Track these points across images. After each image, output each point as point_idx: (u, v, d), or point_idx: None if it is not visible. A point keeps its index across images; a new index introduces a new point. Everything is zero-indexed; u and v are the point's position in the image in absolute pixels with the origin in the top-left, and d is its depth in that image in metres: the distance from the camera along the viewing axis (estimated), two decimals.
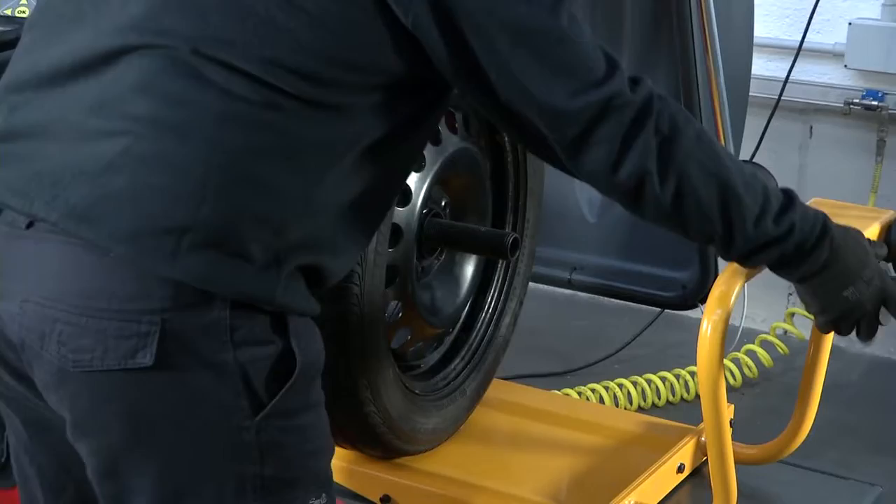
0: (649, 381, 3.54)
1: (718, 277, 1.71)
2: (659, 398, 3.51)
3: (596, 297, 3.09)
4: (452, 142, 2.10)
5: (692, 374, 3.60)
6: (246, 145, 1.40)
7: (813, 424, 2.15)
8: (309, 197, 1.45)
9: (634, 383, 3.54)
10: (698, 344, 1.67)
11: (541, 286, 2.83)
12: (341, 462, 2.09)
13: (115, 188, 1.38)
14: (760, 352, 3.70)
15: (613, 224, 2.75)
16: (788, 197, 1.59)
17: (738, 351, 3.71)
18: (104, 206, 1.38)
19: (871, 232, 1.85)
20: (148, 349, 1.38)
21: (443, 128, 2.06)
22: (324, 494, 1.52)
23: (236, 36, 1.41)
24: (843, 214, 1.61)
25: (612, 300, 3.23)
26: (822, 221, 1.60)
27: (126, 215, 1.38)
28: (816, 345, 2.04)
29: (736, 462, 1.86)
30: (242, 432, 1.42)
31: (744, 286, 1.71)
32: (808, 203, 1.65)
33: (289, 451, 1.47)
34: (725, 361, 3.66)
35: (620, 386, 3.52)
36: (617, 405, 3.46)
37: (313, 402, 1.50)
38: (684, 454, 2.22)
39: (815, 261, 1.60)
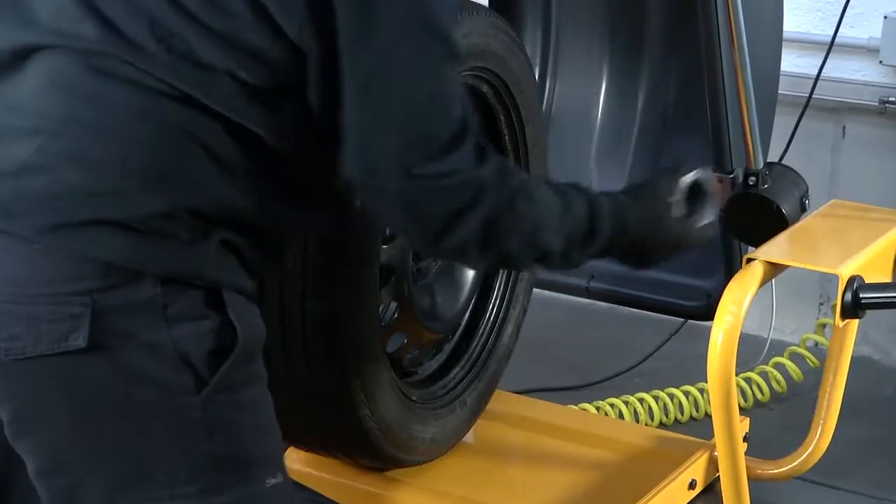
0: (672, 396, 3.51)
1: (730, 283, 1.71)
2: (682, 414, 3.48)
3: (615, 306, 3.08)
4: None
5: None
6: (163, 139, 1.47)
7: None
8: (229, 184, 1.51)
9: (656, 398, 3.51)
10: (708, 353, 1.68)
11: (556, 294, 2.82)
12: (334, 476, 2.09)
13: (33, 187, 1.45)
14: (790, 365, 3.66)
15: None
16: (593, 220, 1.75)
17: (766, 364, 3.68)
18: (23, 203, 1.46)
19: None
20: (80, 331, 1.43)
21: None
22: (279, 473, 1.57)
23: (139, 38, 1.48)
24: (863, 217, 1.63)
25: (632, 310, 3.22)
26: (622, 223, 1.78)
27: (46, 212, 1.45)
28: (836, 351, 2.03)
29: (751, 478, 1.86)
30: (189, 410, 1.48)
31: (759, 292, 1.71)
32: (828, 204, 1.68)
33: (238, 427, 1.52)
34: (752, 375, 3.64)
35: (641, 401, 3.49)
36: (637, 421, 3.43)
37: (257, 376, 1.56)
38: (696, 470, 2.22)
39: (626, 252, 1.83)
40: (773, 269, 1.97)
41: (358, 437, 1.99)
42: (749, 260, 1.94)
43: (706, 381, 3.53)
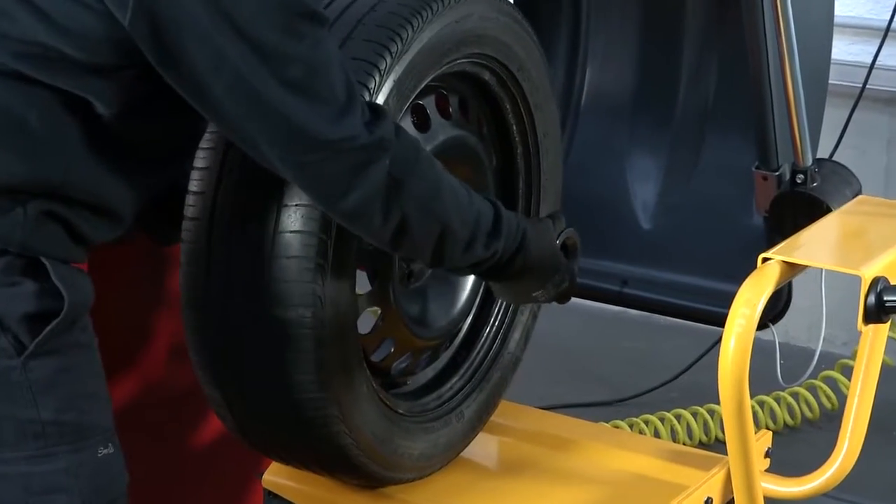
0: (712, 413, 3.49)
1: (743, 284, 1.71)
2: (723, 432, 3.47)
3: (649, 314, 3.06)
4: (444, 129, 2.05)
5: (761, 404, 3.55)
6: None
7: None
8: (51, 158, 1.61)
9: (695, 414, 3.49)
10: (720, 360, 1.69)
11: (586, 302, 2.80)
12: (319, 490, 2.08)
13: None
14: (840, 379, 3.64)
15: (670, 230, 2.72)
16: (496, 221, 1.87)
17: (815, 378, 3.66)
18: None
19: None
20: None
21: (433, 113, 2.03)
22: (110, 444, 1.67)
23: None
24: (891, 214, 1.65)
25: (668, 318, 3.20)
26: (520, 241, 1.91)
27: None
28: (862, 359, 2.02)
29: (770, 497, 1.85)
30: (9, 372, 1.58)
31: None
32: (853, 200, 1.67)
33: (63, 391, 1.61)
34: (800, 390, 3.62)
35: (678, 417, 3.48)
36: (674, 440, 3.42)
37: (83, 342, 1.65)
38: (712, 486, 2.20)
39: (511, 272, 1.94)
40: (791, 269, 1.96)
41: (334, 453, 1.97)
42: (765, 259, 1.93)
43: (750, 397, 3.53)
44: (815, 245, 2.11)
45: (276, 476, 2.17)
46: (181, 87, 1.61)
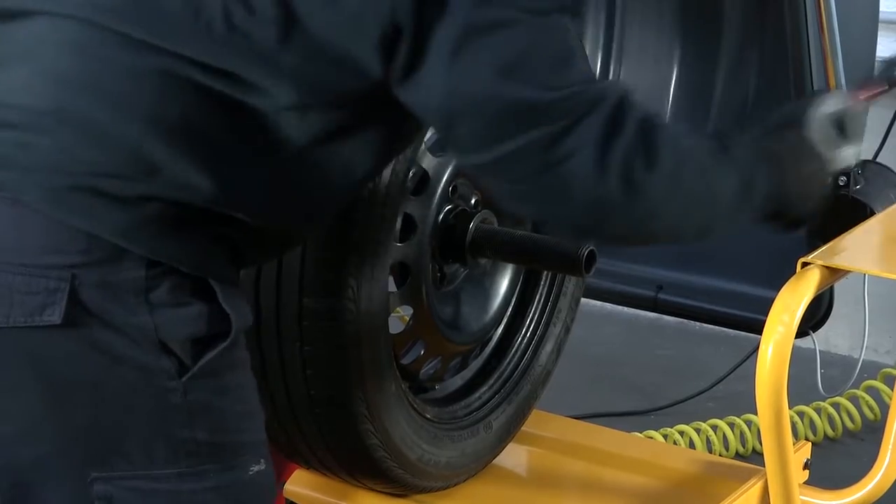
0: (749, 423, 3.48)
1: (782, 290, 1.70)
2: (761, 443, 3.46)
3: (685, 321, 3.06)
4: None
5: (801, 414, 3.54)
6: (184, 126, 1.54)
7: None
8: (240, 183, 1.58)
9: (731, 425, 3.48)
10: (757, 368, 1.68)
11: (620, 308, 2.80)
12: (341, 501, 2.09)
13: (35, 146, 1.52)
14: (884, 389, 3.63)
15: None
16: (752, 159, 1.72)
17: (858, 388, 3.64)
18: (20, 162, 1.52)
19: None
20: (57, 306, 1.50)
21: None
22: (262, 460, 1.64)
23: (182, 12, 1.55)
24: None
25: (705, 325, 3.20)
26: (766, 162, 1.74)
27: (41, 173, 1.51)
28: None
29: None
30: (168, 394, 1.54)
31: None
32: None
33: (221, 413, 1.59)
34: (842, 400, 3.60)
35: (715, 428, 3.46)
36: (710, 451, 3.40)
37: (240, 362, 1.62)
38: (749, 499, 2.20)
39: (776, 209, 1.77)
40: (832, 274, 1.94)
41: (359, 454, 1.98)
42: (805, 264, 1.93)
43: (789, 407, 3.52)
44: (857, 249, 2.10)
45: (297, 486, 2.18)
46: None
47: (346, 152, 1.63)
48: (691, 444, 3.39)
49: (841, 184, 2.43)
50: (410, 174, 1.96)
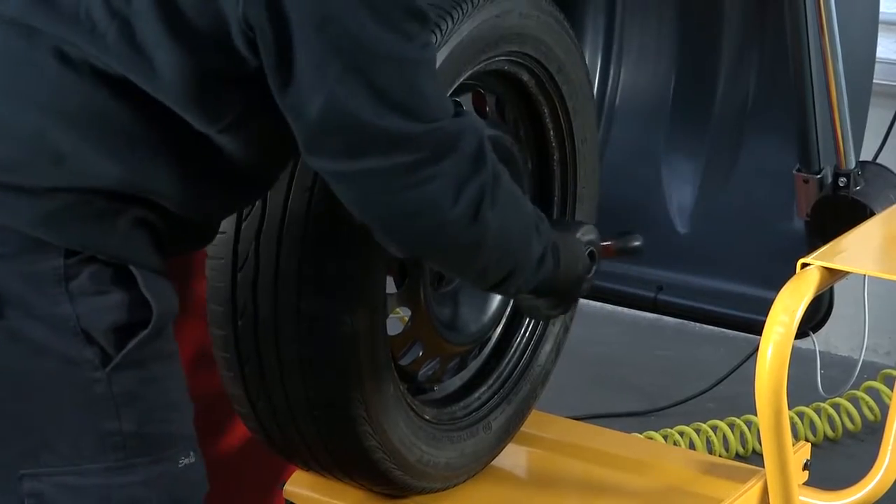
0: (750, 424, 3.49)
1: (781, 290, 1.70)
2: (761, 443, 3.46)
3: (685, 322, 3.06)
4: None
5: (800, 415, 3.54)
6: (86, 116, 1.56)
7: None
8: (152, 166, 1.59)
9: (731, 426, 3.49)
10: (756, 369, 1.68)
11: (620, 309, 2.81)
12: (341, 502, 2.09)
13: None
14: (884, 389, 3.63)
15: (707, 235, 2.72)
16: (546, 232, 1.84)
17: (858, 389, 3.65)
18: None
19: None
20: None
21: (470, 110, 2.04)
22: (192, 453, 1.65)
23: (90, 16, 1.56)
24: None
25: (705, 326, 3.20)
26: (553, 252, 1.86)
27: None
28: None
29: None
30: (93, 385, 1.56)
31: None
32: None
33: (147, 404, 1.60)
34: (842, 401, 3.61)
35: (715, 429, 3.47)
36: (710, 451, 3.41)
37: (166, 352, 1.63)
38: (748, 500, 2.20)
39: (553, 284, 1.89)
40: (832, 275, 1.95)
41: (358, 456, 1.98)
42: (804, 265, 1.93)
43: (789, 408, 3.53)
44: (857, 250, 2.10)
45: (298, 487, 2.19)
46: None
47: (251, 139, 1.65)
48: (691, 445, 3.40)
49: (841, 184, 2.45)
50: None
